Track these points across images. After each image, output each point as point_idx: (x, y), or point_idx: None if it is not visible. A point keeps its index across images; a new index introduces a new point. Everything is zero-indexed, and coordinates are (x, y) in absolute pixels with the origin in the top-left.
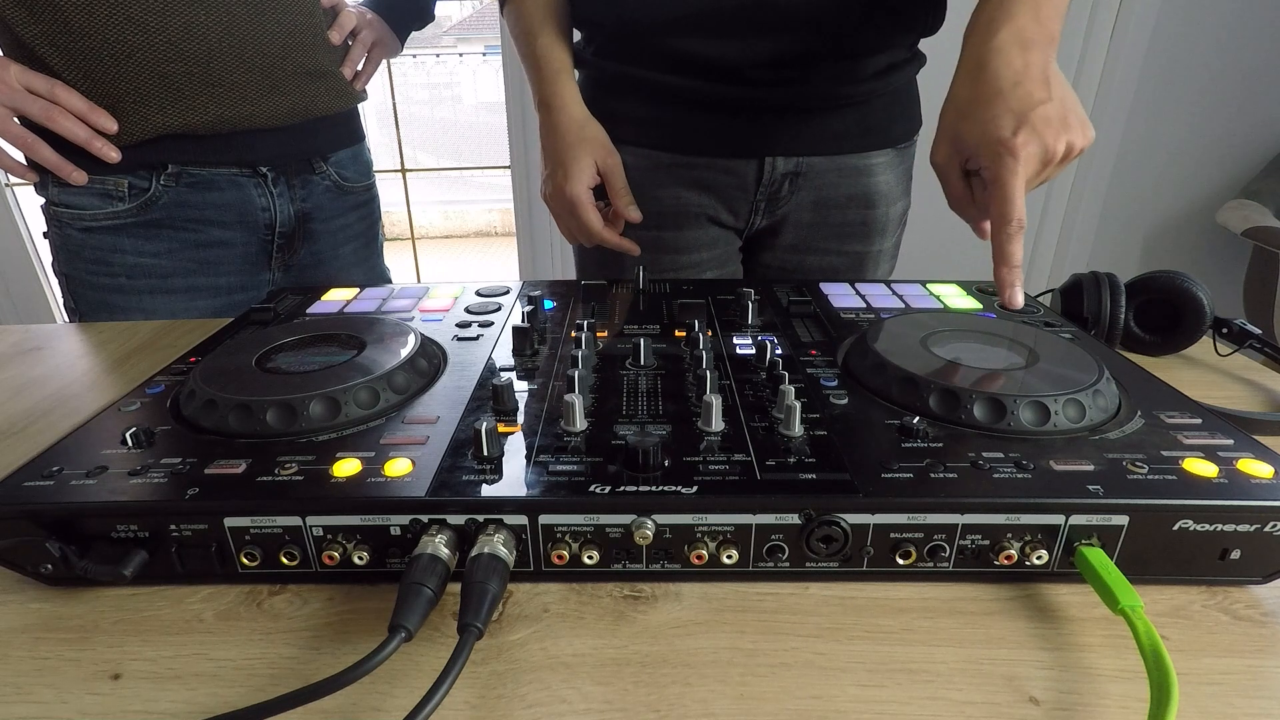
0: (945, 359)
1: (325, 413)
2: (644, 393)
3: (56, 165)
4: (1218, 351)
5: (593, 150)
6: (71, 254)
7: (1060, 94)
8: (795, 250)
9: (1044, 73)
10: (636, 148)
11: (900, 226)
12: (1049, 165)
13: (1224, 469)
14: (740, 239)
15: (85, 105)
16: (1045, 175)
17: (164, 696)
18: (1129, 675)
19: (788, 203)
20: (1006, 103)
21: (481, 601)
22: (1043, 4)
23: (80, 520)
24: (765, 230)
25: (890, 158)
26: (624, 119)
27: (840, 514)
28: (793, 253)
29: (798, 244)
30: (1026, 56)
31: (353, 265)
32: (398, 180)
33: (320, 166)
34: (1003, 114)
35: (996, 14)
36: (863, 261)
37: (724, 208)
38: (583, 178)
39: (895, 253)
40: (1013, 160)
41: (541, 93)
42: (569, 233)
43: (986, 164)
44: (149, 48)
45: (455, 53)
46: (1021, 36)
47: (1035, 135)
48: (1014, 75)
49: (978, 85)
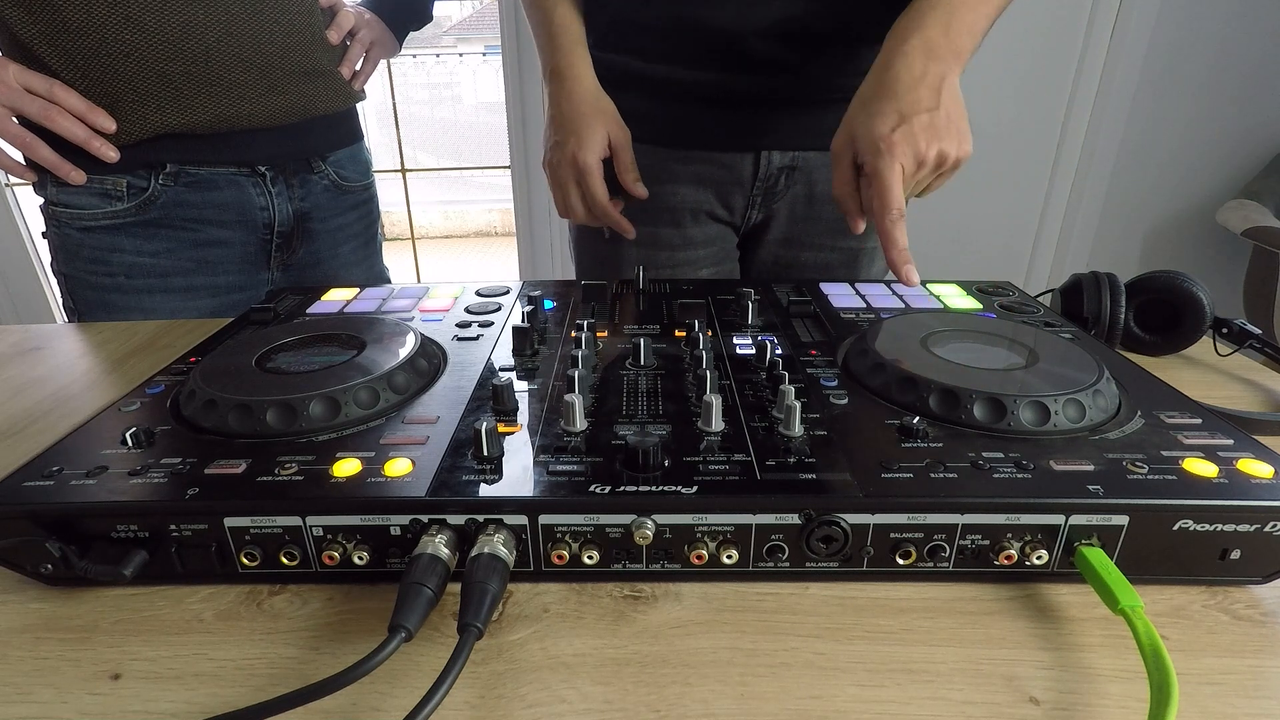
0: (945, 359)
1: (325, 413)
2: (644, 393)
3: (55, 165)
4: (1218, 351)
5: (607, 121)
6: (70, 253)
7: (948, 106)
8: (790, 245)
9: (939, 83)
10: (635, 143)
11: None
12: (922, 168)
13: (1224, 469)
14: (737, 235)
15: (84, 105)
16: (923, 180)
17: (164, 696)
18: (1129, 675)
19: (783, 197)
20: (896, 103)
21: (481, 601)
22: (954, 21)
23: (80, 520)
24: (760, 225)
25: None
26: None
27: (840, 514)
28: (787, 248)
29: (792, 239)
30: (927, 65)
31: (352, 265)
32: (398, 180)
33: (319, 166)
34: (890, 112)
35: (912, 23)
36: (857, 257)
37: (720, 203)
38: (595, 146)
39: None
40: (888, 155)
41: (556, 62)
42: (569, 205)
43: (866, 157)
44: (147, 46)
45: (455, 53)
46: (929, 46)
47: (910, 137)
48: (911, 80)
49: (879, 84)
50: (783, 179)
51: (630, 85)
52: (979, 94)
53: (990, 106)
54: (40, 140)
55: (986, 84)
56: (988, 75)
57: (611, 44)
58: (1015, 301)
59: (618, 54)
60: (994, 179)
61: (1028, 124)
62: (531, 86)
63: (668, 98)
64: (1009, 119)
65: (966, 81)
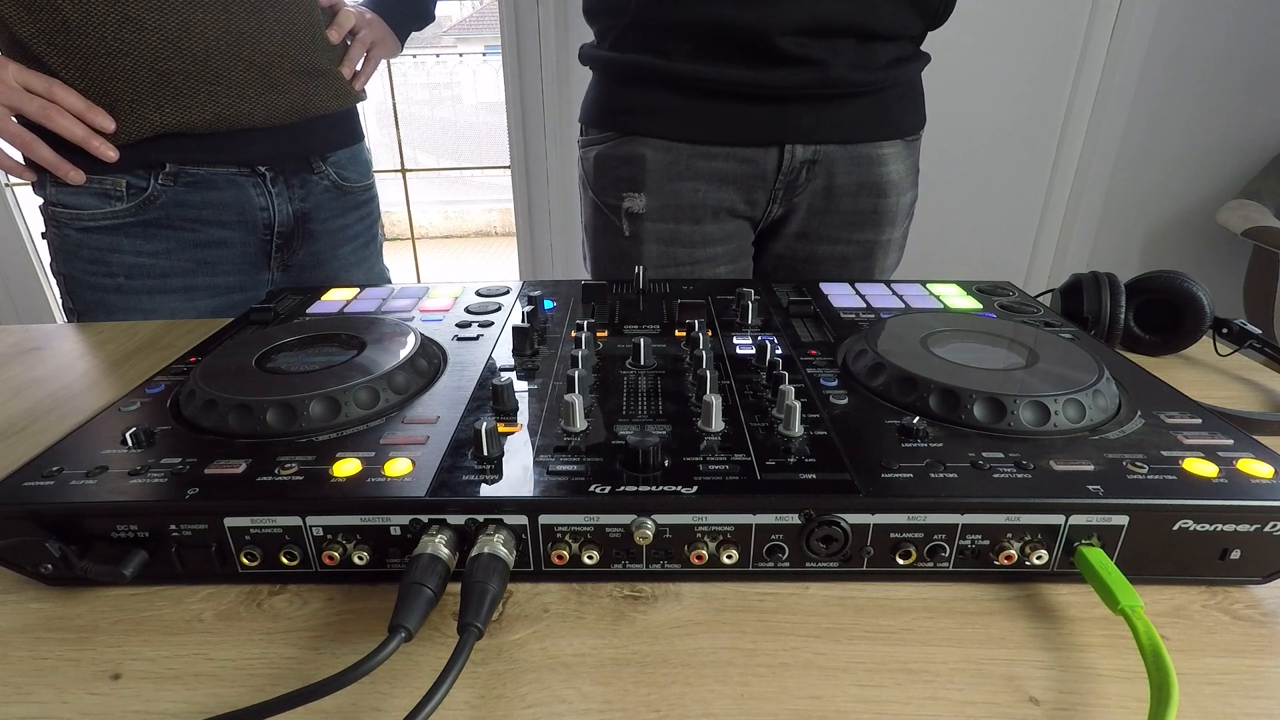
0: (945, 359)
1: (325, 413)
2: (644, 393)
3: (54, 164)
4: (1218, 351)
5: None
6: (70, 254)
7: None
8: (807, 239)
9: None
10: (658, 140)
11: (908, 218)
12: None
13: (1224, 469)
14: (754, 230)
15: (83, 104)
16: None
17: (164, 696)
18: (1129, 675)
19: (803, 191)
20: None
21: (481, 601)
22: None
23: (80, 520)
24: (779, 220)
25: (900, 149)
26: (644, 111)
27: (840, 514)
28: (805, 241)
29: (810, 232)
30: None
31: (352, 265)
32: (398, 180)
33: (319, 166)
34: None
35: None
36: (873, 250)
37: (742, 199)
38: None
39: (903, 243)
40: None
41: None
42: None
43: None
44: (146, 45)
45: (455, 53)
46: None
47: None
48: None
49: None
50: (804, 172)
51: (653, 82)
52: (979, 94)
53: (990, 106)
54: (40, 140)
55: (987, 84)
56: (988, 75)
57: (633, 44)
58: (1015, 301)
59: (640, 54)
60: (994, 179)
61: (1028, 124)
62: (532, 86)
63: (692, 95)
64: (1009, 119)
65: (967, 82)
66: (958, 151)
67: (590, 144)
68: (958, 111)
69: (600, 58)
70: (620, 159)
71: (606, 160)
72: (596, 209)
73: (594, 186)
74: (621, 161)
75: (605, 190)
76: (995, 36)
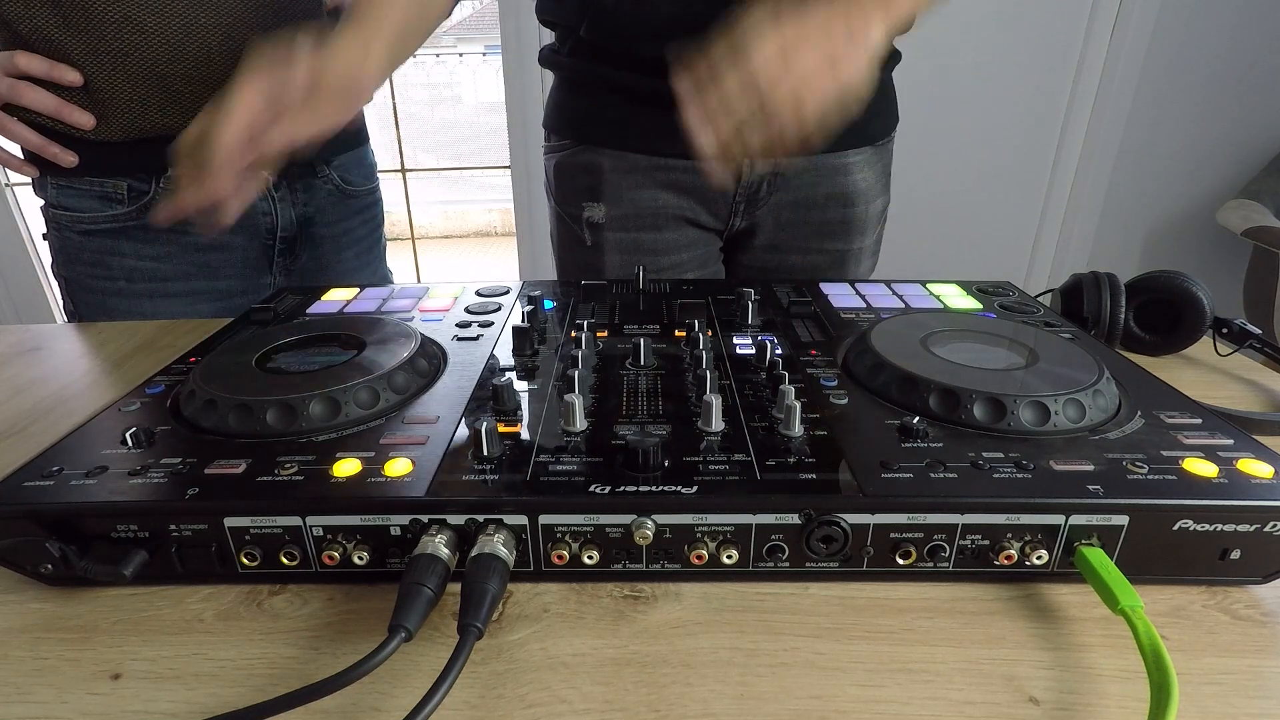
0: (945, 359)
1: (325, 413)
2: (644, 393)
3: (40, 145)
4: (1218, 351)
5: None
6: (70, 257)
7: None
8: (776, 250)
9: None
10: (612, 150)
11: (880, 223)
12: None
13: (1224, 469)
14: (721, 239)
15: (45, 64)
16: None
17: (164, 696)
18: (1129, 675)
19: (766, 203)
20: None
21: (481, 601)
22: None
23: (80, 520)
24: (745, 232)
25: (868, 155)
26: (599, 120)
27: (840, 514)
28: (773, 252)
29: (778, 244)
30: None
31: (355, 270)
32: (398, 180)
33: (322, 170)
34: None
35: None
36: (844, 260)
37: (703, 209)
38: None
39: (876, 249)
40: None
41: None
42: None
43: None
44: (147, 48)
45: (455, 53)
46: None
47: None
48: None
49: None
50: (765, 186)
51: (606, 93)
52: (979, 94)
53: (990, 106)
54: (17, 120)
55: (986, 84)
56: (988, 75)
57: (586, 54)
58: (1015, 301)
59: (593, 62)
60: (994, 179)
61: (1028, 124)
62: (532, 86)
63: (645, 105)
64: (1009, 119)
65: (967, 82)
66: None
67: (551, 151)
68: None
69: (559, 62)
70: (579, 167)
71: (565, 168)
72: (560, 218)
73: (555, 195)
74: (580, 170)
75: (566, 199)
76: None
